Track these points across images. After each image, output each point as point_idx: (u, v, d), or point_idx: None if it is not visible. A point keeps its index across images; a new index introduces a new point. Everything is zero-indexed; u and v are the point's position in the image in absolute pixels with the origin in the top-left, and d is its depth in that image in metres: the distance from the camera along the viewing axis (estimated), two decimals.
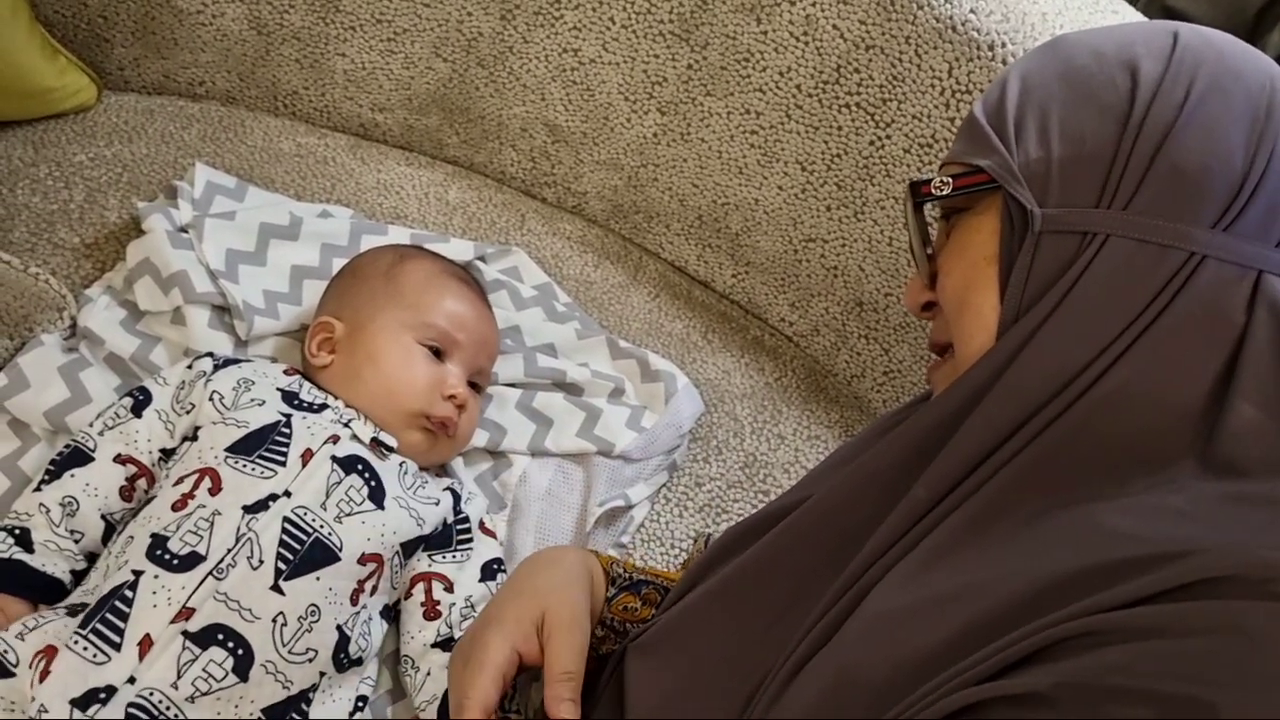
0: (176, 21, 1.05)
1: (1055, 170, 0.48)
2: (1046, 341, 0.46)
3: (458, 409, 0.80)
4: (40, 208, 0.93)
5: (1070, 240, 0.46)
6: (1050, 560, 0.40)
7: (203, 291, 0.86)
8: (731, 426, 1.02)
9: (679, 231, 1.13)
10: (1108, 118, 0.47)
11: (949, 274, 0.54)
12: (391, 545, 0.73)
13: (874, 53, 0.92)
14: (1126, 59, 0.48)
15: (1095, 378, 0.44)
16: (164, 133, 1.04)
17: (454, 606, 0.75)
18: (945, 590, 0.43)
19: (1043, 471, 0.44)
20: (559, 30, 1.03)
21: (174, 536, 0.66)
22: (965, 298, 0.51)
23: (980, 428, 0.46)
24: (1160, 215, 0.45)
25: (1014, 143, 0.50)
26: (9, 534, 0.68)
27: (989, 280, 0.50)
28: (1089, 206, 0.46)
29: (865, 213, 0.99)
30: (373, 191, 1.07)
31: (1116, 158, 0.46)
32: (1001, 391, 0.46)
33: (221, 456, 0.70)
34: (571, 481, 0.92)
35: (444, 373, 0.81)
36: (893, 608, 0.45)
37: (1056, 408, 0.45)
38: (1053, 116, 0.49)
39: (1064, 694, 0.35)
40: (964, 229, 0.53)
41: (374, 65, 1.09)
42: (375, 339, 0.80)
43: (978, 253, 0.51)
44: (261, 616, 0.65)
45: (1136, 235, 0.45)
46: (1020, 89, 0.52)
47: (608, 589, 0.69)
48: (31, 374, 0.79)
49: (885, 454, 0.52)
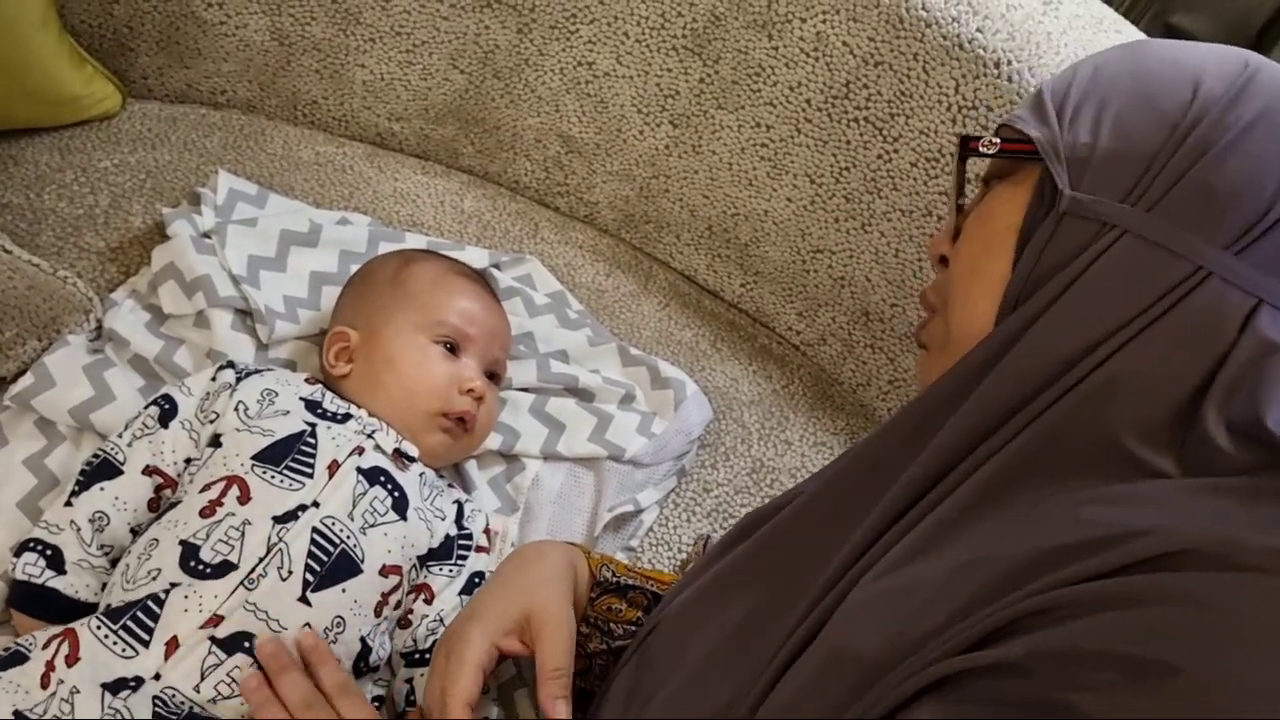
0: (200, 32, 1.07)
1: (1096, 158, 0.49)
2: (1048, 328, 0.47)
3: (477, 400, 0.82)
4: (67, 212, 0.95)
5: (1089, 227, 0.48)
6: (1031, 541, 0.42)
7: (225, 296, 0.88)
8: (739, 433, 1.04)
9: (689, 242, 1.15)
10: (1161, 122, 0.48)
11: (969, 236, 0.55)
12: (410, 557, 0.74)
13: (883, 69, 0.94)
14: (1195, 74, 0.50)
15: (1090, 369, 0.46)
16: (187, 140, 1.06)
17: (425, 619, 0.75)
18: (938, 571, 0.44)
19: (1030, 461, 0.46)
20: (574, 44, 1.05)
21: (205, 545, 0.66)
22: (978, 261, 0.53)
23: (979, 409, 0.48)
24: (1179, 224, 0.46)
25: (1068, 123, 0.51)
26: (40, 554, 0.69)
27: (1005, 249, 0.51)
28: (1116, 200, 0.48)
29: (872, 225, 1.01)
30: (390, 200, 1.09)
31: (1155, 160, 0.47)
32: (999, 376, 0.48)
33: (249, 465, 0.71)
34: (583, 485, 0.94)
35: (460, 367, 0.82)
36: (888, 588, 0.46)
37: (1051, 395, 0.46)
38: (1110, 109, 0.50)
39: (1036, 662, 0.37)
40: (997, 196, 0.55)
41: (392, 76, 1.11)
42: (390, 343, 0.81)
43: (1001, 221, 0.52)
44: (289, 627, 0.66)
45: (1151, 237, 0.46)
46: (1090, 76, 0.53)
47: (591, 590, 0.70)
48: (58, 373, 0.81)
49: (882, 439, 0.53)
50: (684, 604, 0.61)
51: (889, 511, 0.49)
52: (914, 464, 0.49)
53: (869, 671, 0.42)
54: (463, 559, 0.79)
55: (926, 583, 0.44)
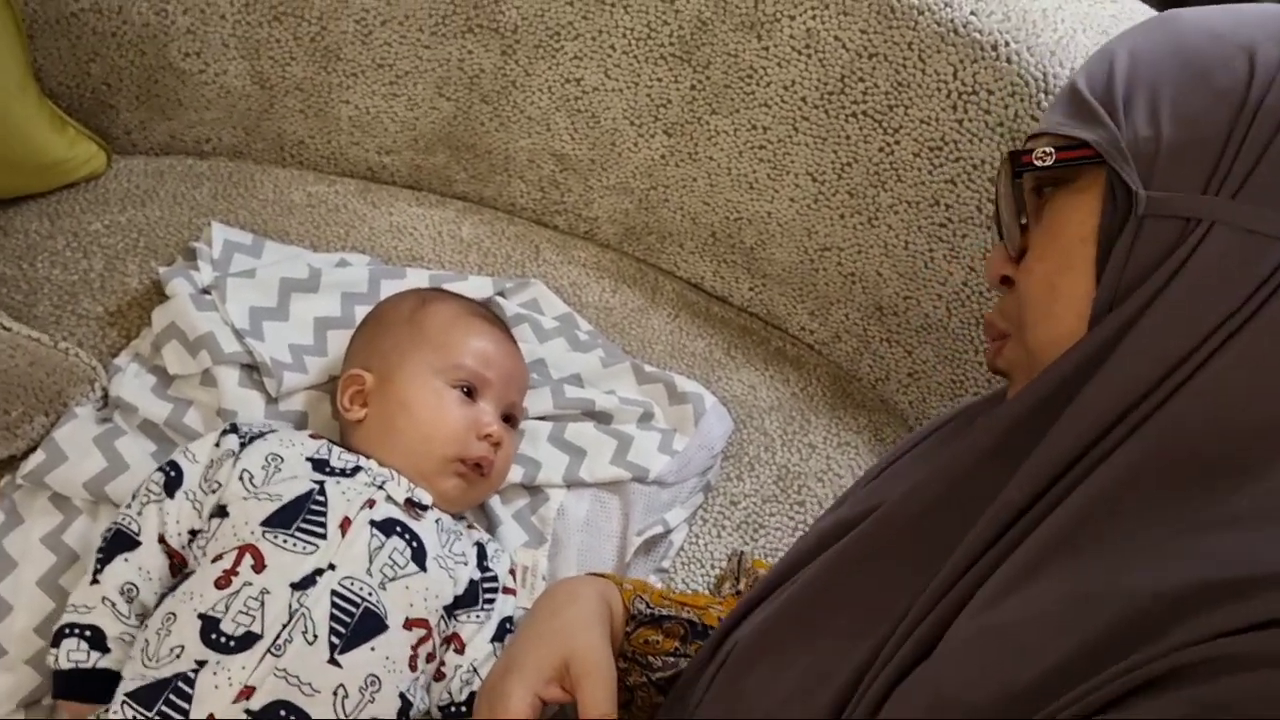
0: (179, 82, 1.05)
1: (1164, 152, 0.46)
2: (1147, 330, 0.44)
3: (494, 446, 0.80)
4: (61, 280, 0.94)
5: (1173, 225, 0.45)
6: (1160, 576, 0.38)
7: (230, 352, 0.86)
8: (762, 441, 1.02)
9: (693, 250, 1.14)
10: (1222, 102, 0.45)
11: (1040, 255, 0.52)
12: (435, 609, 0.73)
13: (877, 60, 0.92)
14: (1244, 42, 0.47)
15: (1196, 367, 0.43)
16: (175, 194, 1.05)
17: (459, 670, 0.74)
18: (1048, 608, 0.41)
19: (1143, 468, 0.43)
20: (560, 61, 1.04)
21: (225, 618, 0.65)
22: (1055, 280, 0.50)
23: (1078, 421, 0.45)
24: (1269, 205, 0.43)
25: (1123, 119, 0.48)
26: (80, 637, 0.68)
27: (1083, 262, 0.48)
28: (1196, 192, 0.45)
29: (879, 219, 1.00)
30: (386, 235, 1.08)
31: (1229, 144, 0.45)
32: (1101, 382, 0.45)
33: (259, 532, 0.69)
34: (609, 510, 0.92)
35: (478, 412, 0.81)
36: (993, 624, 0.43)
37: (1157, 398, 0.43)
38: (1164, 96, 0.47)
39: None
40: (1059, 207, 0.51)
41: (378, 109, 1.10)
42: (406, 387, 0.80)
43: (1073, 233, 0.49)
44: (322, 690, 0.65)
45: (1244, 225, 0.43)
46: (1130, 64, 0.50)
47: (627, 623, 0.69)
48: (68, 447, 0.80)
49: (966, 454, 0.50)
50: (761, 631, 0.58)
51: (984, 534, 0.46)
52: (1010, 484, 0.46)
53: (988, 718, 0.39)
54: (489, 603, 0.78)
55: (1035, 620, 0.41)
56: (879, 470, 0.64)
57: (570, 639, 0.63)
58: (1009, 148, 0.88)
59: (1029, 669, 0.39)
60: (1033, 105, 0.86)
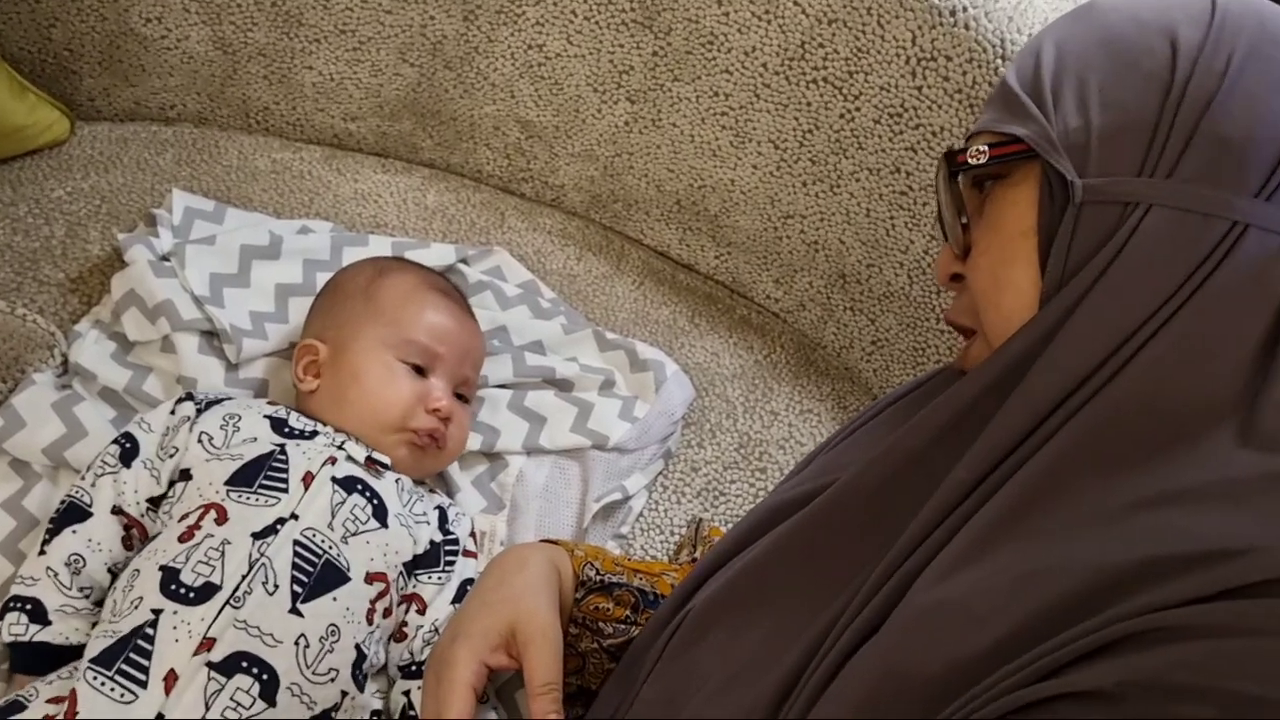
0: (142, 48, 1.05)
1: (1095, 139, 0.47)
2: (1089, 313, 0.45)
3: (443, 421, 0.81)
4: (23, 246, 0.94)
5: (1112, 210, 0.46)
6: (1102, 551, 0.39)
7: (189, 318, 0.86)
8: (724, 408, 1.03)
9: (659, 217, 1.14)
10: (1149, 86, 0.46)
11: (984, 250, 0.52)
12: (395, 565, 0.74)
13: (837, 26, 0.92)
14: (1166, 25, 0.47)
15: (1138, 348, 0.44)
16: (139, 160, 1.05)
17: (420, 630, 0.75)
18: (997, 582, 0.42)
19: (1086, 447, 0.43)
20: (522, 27, 1.03)
21: (185, 568, 0.66)
22: (1000, 273, 0.50)
23: (1023, 403, 0.46)
24: (1203, 184, 0.44)
25: (1052, 111, 0.49)
26: (21, 610, 0.68)
27: (1026, 254, 0.49)
28: (1131, 175, 0.45)
29: (841, 186, 1.00)
30: (351, 202, 1.07)
31: (1159, 126, 0.45)
32: (1044, 365, 0.46)
33: (223, 491, 0.70)
34: (568, 477, 0.93)
35: (428, 387, 0.81)
36: (942, 599, 0.43)
37: (1099, 380, 0.44)
38: (1091, 85, 0.48)
39: (1129, 691, 0.34)
40: (998, 202, 0.52)
41: (342, 75, 1.09)
42: (357, 359, 0.80)
43: (1014, 227, 0.50)
44: (284, 640, 0.65)
45: (1180, 204, 0.44)
46: (1056, 56, 0.50)
47: (576, 590, 0.69)
48: (27, 413, 0.80)
49: (919, 432, 0.51)
50: (715, 600, 0.58)
51: (935, 512, 0.47)
52: (960, 464, 0.47)
53: (935, 696, 0.40)
54: (450, 565, 0.79)
55: (982, 594, 0.41)
56: (838, 439, 0.65)
57: (516, 606, 0.64)
58: (967, 115, 0.88)
59: (975, 641, 0.40)
60: (990, 72, 0.86)
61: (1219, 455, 0.41)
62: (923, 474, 0.49)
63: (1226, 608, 0.35)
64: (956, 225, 0.55)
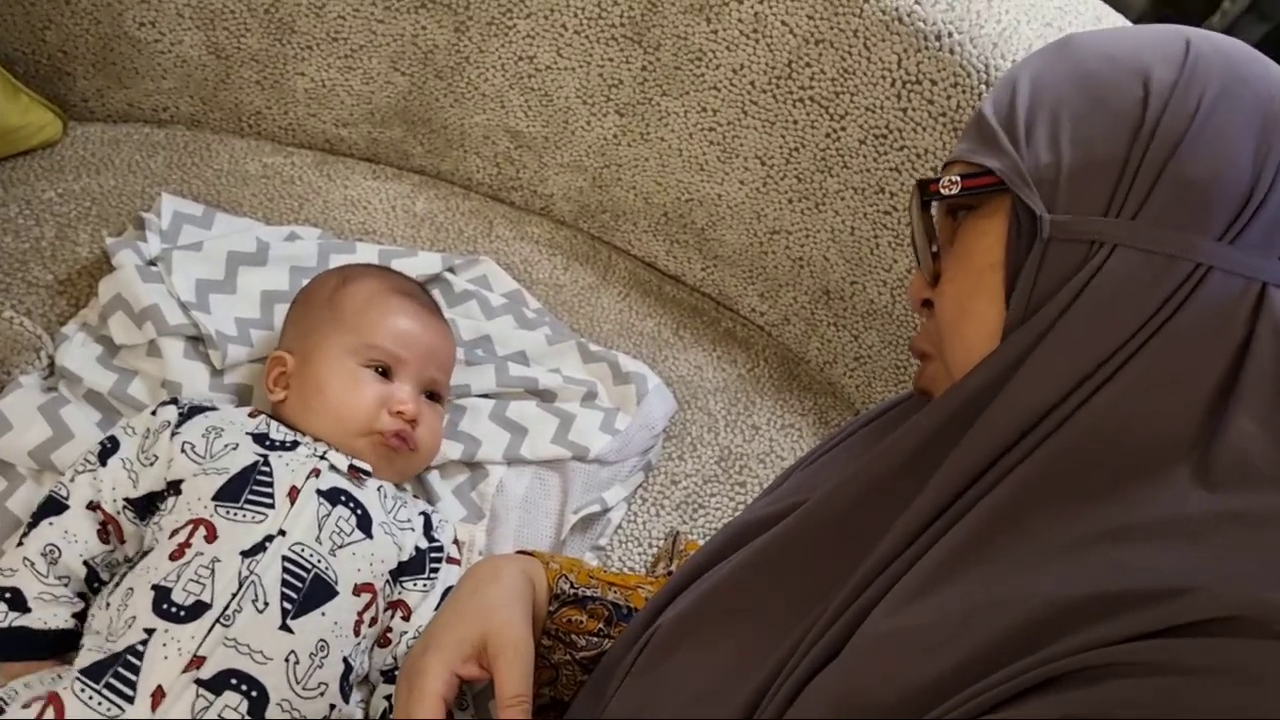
0: (135, 51, 1.05)
1: (1065, 176, 0.47)
2: (1051, 348, 0.45)
3: (410, 423, 0.81)
4: (12, 247, 0.94)
5: (1077, 248, 0.46)
6: (1055, 585, 0.40)
7: (175, 324, 0.87)
8: (705, 422, 1.03)
9: (646, 229, 1.14)
10: (1119, 125, 0.47)
11: (952, 279, 0.53)
12: (381, 574, 0.74)
13: (824, 47, 0.92)
14: (1139, 66, 0.48)
15: (1098, 385, 0.44)
16: (131, 162, 1.05)
17: (404, 636, 0.76)
18: (951, 612, 0.42)
19: (1046, 480, 0.44)
20: (513, 39, 1.04)
21: (176, 587, 0.66)
22: (966, 305, 0.51)
23: (985, 435, 0.46)
24: (1168, 225, 0.44)
25: (1024, 146, 0.49)
26: (0, 599, 0.69)
27: (992, 287, 0.49)
28: (1097, 214, 0.46)
29: (826, 204, 1.00)
30: (340, 208, 1.08)
31: (1126, 166, 0.46)
32: (1006, 398, 0.46)
33: (211, 507, 0.71)
34: (548, 488, 0.94)
35: (391, 391, 0.81)
36: (899, 627, 0.44)
37: (1059, 415, 0.44)
38: (1064, 121, 0.48)
39: None
40: (969, 232, 0.52)
41: (334, 82, 1.10)
42: (320, 368, 0.80)
43: (982, 259, 0.50)
44: (274, 657, 0.66)
45: (1144, 245, 0.44)
46: (1031, 90, 0.51)
47: (550, 602, 0.70)
48: (12, 415, 0.81)
49: (884, 459, 0.51)
50: (684, 616, 0.59)
51: (896, 541, 0.47)
52: (920, 495, 0.47)
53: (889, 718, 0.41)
54: (435, 571, 0.80)
55: (938, 624, 0.42)
56: (816, 455, 0.65)
57: (489, 617, 0.65)
58: (951, 138, 0.89)
59: (926, 672, 0.40)
60: (974, 96, 0.87)
61: (1175, 493, 0.42)
62: (888, 500, 0.50)
63: (1164, 645, 0.35)
64: (927, 253, 0.55)
